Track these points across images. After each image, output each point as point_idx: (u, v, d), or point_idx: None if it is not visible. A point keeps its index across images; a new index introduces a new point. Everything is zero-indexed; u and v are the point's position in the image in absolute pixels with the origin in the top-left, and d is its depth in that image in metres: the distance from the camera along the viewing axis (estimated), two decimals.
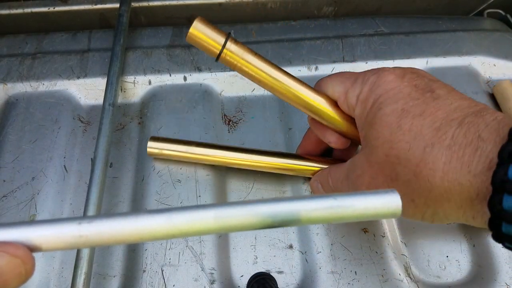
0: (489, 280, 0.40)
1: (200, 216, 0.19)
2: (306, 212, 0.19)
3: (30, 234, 0.18)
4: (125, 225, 0.19)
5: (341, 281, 0.39)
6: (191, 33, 0.28)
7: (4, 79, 0.52)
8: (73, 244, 0.19)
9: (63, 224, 0.19)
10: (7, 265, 0.17)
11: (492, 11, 0.64)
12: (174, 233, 0.19)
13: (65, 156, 0.47)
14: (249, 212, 0.19)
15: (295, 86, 0.34)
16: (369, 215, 0.20)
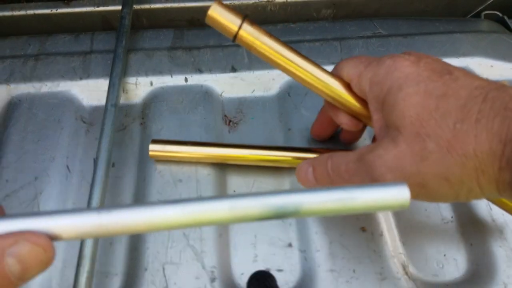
0: (487, 279, 0.40)
1: (215, 206, 0.20)
2: (317, 203, 0.20)
3: (51, 224, 0.19)
4: (142, 214, 0.19)
5: (339, 279, 0.40)
6: (209, 14, 0.31)
7: (7, 80, 0.52)
8: (93, 233, 0.19)
9: (83, 214, 0.19)
10: (29, 253, 0.17)
11: (489, 13, 0.65)
12: (189, 222, 0.20)
13: (68, 156, 0.47)
14: (262, 203, 0.20)
15: (308, 68, 0.35)
16: (378, 206, 0.20)
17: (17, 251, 0.17)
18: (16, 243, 0.17)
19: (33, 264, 0.18)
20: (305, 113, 0.51)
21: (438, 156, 0.26)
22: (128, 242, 0.42)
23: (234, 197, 0.20)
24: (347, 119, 0.38)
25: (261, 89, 0.54)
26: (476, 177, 0.26)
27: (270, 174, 0.46)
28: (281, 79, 0.54)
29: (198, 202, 0.20)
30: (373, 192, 0.20)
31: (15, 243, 0.17)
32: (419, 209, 0.44)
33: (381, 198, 0.20)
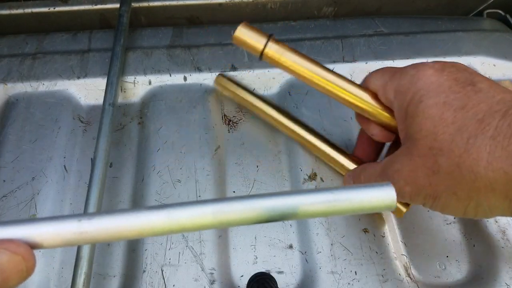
0: (489, 280, 0.40)
1: (198, 211, 0.19)
2: (303, 206, 0.20)
3: (31, 232, 0.18)
4: (124, 221, 0.19)
5: (341, 281, 0.39)
6: (236, 36, 0.33)
7: (5, 79, 0.52)
8: (74, 241, 0.19)
9: (64, 221, 0.19)
10: (8, 262, 0.17)
11: (491, 11, 0.64)
12: (173, 228, 0.19)
13: (65, 156, 0.47)
14: (247, 206, 0.19)
15: (335, 80, 0.36)
16: (364, 208, 0.20)
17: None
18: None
19: (13, 274, 0.17)
20: (306, 112, 0.51)
21: (448, 171, 0.26)
22: (126, 244, 0.41)
23: (219, 201, 0.19)
24: (377, 130, 0.37)
25: (262, 88, 0.53)
26: (485, 193, 0.26)
27: (270, 176, 0.46)
28: (282, 78, 0.53)
29: (182, 207, 0.19)
30: (360, 194, 0.20)
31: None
32: (421, 211, 0.44)
33: (368, 200, 0.20)
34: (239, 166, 0.46)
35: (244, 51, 0.55)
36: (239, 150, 0.48)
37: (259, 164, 0.47)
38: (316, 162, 0.47)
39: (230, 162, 0.47)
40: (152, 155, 0.47)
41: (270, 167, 0.46)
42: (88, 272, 0.36)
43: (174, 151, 0.47)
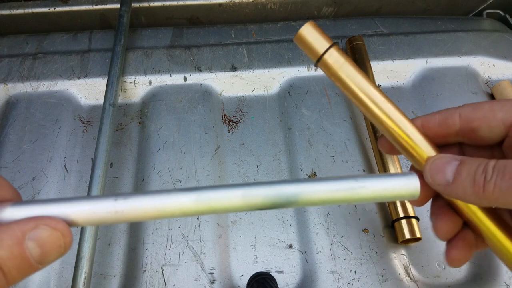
0: (489, 280, 0.40)
1: (228, 194, 0.20)
2: (330, 192, 0.20)
3: (69, 210, 0.19)
4: (158, 201, 0.20)
5: (340, 281, 0.39)
6: (300, 34, 0.28)
7: (5, 79, 0.52)
8: (109, 219, 0.19)
9: (101, 201, 0.19)
10: (49, 237, 0.18)
11: (491, 12, 0.64)
12: (203, 210, 0.20)
13: (66, 156, 0.47)
14: (278, 192, 0.20)
15: (394, 116, 0.29)
16: (389, 196, 0.21)
17: (38, 235, 0.18)
18: (36, 227, 0.18)
19: (52, 249, 0.18)
20: (306, 112, 0.51)
21: None
22: (126, 243, 0.41)
23: (248, 185, 0.20)
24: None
25: (261, 88, 0.53)
26: None
27: (270, 174, 0.46)
28: (281, 78, 0.54)
29: (211, 190, 0.20)
30: (385, 182, 0.20)
31: (35, 227, 0.18)
32: (420, 210, 0.44)
33: (393, 188, 0.20)
34: (239, 166, 0.46)
35: (244, 51, 0.55)
36: (239, 150, 0.48)
37: (259, 164, 0.47)
38: (316, 162, 0.47)
39: (230, 162, 0.47)
40: (152, 155, 0.47)
41: (270, 167, 0.46)
42: (88, 271, 0.36)
43: (174, 151, 0.47)
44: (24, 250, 0.17)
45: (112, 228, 0.42)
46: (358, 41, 0.53)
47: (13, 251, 0.17)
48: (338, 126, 0.50)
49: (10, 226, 0.17)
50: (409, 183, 0.21)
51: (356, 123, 0.50)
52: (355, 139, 0.49)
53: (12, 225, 0.17)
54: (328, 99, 0.52)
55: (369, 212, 0.44)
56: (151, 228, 0.42)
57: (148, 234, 0.42)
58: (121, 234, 0.42)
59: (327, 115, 0.51)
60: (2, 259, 0.16)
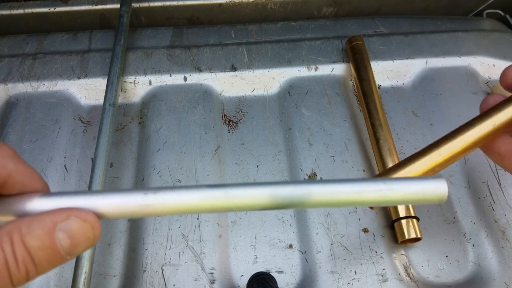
0: (489, 280, 0.40)
1: (256, 192, 0.20)
2: (360, 194, 0.20)
3: (99, 202, 0.19)
4: (187, 197, 0.20)
5: (340, 281, 0.39)
6: None
7: (5, 79, 0.52)
8: (138, 213, 0.20)
9: (130, 194, 0.20)
10: (79, 229, 0.18)
11: (491, 12, 0.64)
12: (231, 206, 0.20)
13: (66, 156, 0.47)
14: (307, 192, 0.20)
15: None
16: (417, 199, 0.21)
17: (68, 226, 0.18)
18: (67, 218, 0.18)
19: (82, 240, 0.18)
20: (306, 112, 0.51)
21: None
22: (126, 243, 0.41)
23: (275, 184, 0.21)
24: None
25: (261, 88, 0.53)
26: None
27: (270, 174, 0.46)
28: (281, 78, 0.54)
29: (239, 187, 0.20)
30: (413, 185, 0.21)
31: (66, 218, 0.18)
32: (421, 210, 0.44)
33: (420, 192, 0.20)
34: (239, 166, 0.46)
35: (244, 51, 0.55)
36: (239, 150, 0.48)
37: (259, 164, 0.47)
38: (316, 162, 0.47)
39: (230, 162, 0.47)
40: (152, 155, 0.47)
41: (270, 167, 0.46)
42: (88, 271, 0.36)
43: (174, 151, 0.47)
44: (55, 240, 0.17)
45: (112, 228, 0.42)
46: (358, 41, 0.53)
47: (44, 241, 0.17)
48: (338, 126, 0.50)
49: (41, 216, 0.18)
50: (438, 187, 0.20)
51: (356, 123, 0.50)
52: (355, 139, 0.49)
53: (43, 215, 0.18)
54: (328, 99, 0.52)
55: (369, 212, 0.44)
56: (151, 228, 0.42)
57: (148, 234, 0.42)
58: (121, 234, 0.42)
59: (327, 115, 0.51)
60: (33, 248, 0.17)
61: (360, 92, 0.50)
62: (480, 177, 0.46)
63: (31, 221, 0.17)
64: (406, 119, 0.51)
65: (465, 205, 0.44)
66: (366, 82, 0.50)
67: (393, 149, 0.45)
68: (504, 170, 0.30)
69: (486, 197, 0.45)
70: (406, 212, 0.41)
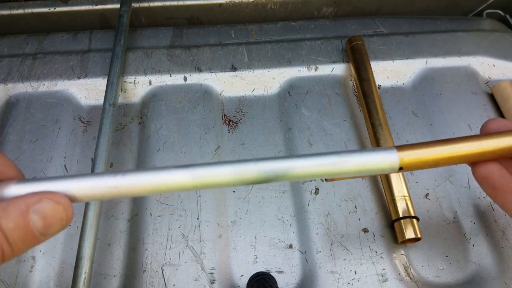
0: (489, 280, 0.40)
1: (220, 170, 0.21)
2: (314, 166, 0.21)
3: (70, 185, 0.20)
4: (155, 177, 0.21)
5: (340, 281, 0.39)
6: None
7: (5, 79, 0.52)
8: (108, 194, 0.20)
9: (100, 177, 0.21)
10: (51, 210, 0.19)
11: (491, 12, 0.64)
12: (196, 185, 0.21)
13: (66, 156, 0.47)
14: (265, 167, 0.21)
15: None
16: (369, 169, 0.22)
17: (41, 208, 0.19)
18: (40, 201, 0.19)
19: (54, 221, 0.19)
20: (306, 112, 0.51)
21: None
22: (126, 243, 0.41)
23: (239, 162, 0.21)
24: None
25: (261, 88, 0.53)
26: None
27: None
28: (281, 78, 0.54)
29: (204, 167, 0.21)
30: (365, 156, 0.22)
31: (39, 201, 0.19)
32: (421, 210, 0.44)
33: (373, 162, 0.22)
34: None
35: (244, 51, 0.55)
36: (239, 150, 0.48)
37: None
38: None
39: None
40: (152, 155, 0.47)
41: None
42: (89, 271, 0.36)
43: (174, 151, 0.47)
44: (29, 222, 0.18)
45: (112, 228, 0.42)
46: (358, 41, 0.53)
47: (18, 222, 0.18)
48: (338, 126, 0.50)
49: (16, 200, 0.19)
50: (389, 157, 0.22)
51: (356, 123, 0.50)
52: (355, 139, 0.49)
53: (18, 199, 0.19)
54: (328, 99, 0.52)
55: (369, 212, 0.44)
56: (151, 228, 0.42)
57: (148, 234, 0.42)
58: (121, 234, 0.42)
59: (327, 115, 0.51)
60: (8, 230, 0.18)
61: (360, 92, 0.50)
62: None
63: (6, 205, 0.18)
64: (406, 119, 0.51)
65: (465, 205, 0.44)
66: (366, 82, 0.50)
67: None
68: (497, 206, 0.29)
69: (486, 197, 0.45)
70: (406, 212, 0.41)
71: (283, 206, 0.44)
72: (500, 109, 0.52)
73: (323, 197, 0.44)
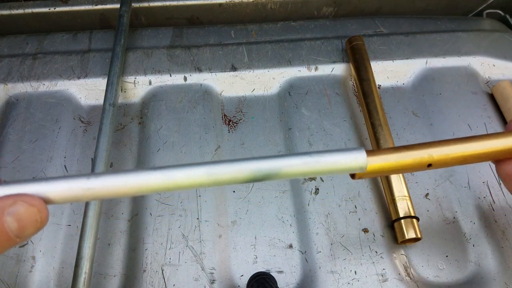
0: (489, 280, 0.40)
1: (194, 172, 0.21)
2: (286, 167, 0.22)
3: (45, 188, 0.20)
4: (128, 179, 0.21)
5: (340, 281, 0.39)
6: None
7: (5, 79, 0.52)
8: (82, 197, 0.21)
9: (74, 179, 0.21)
10: (26, 212, 0.19)
11: (491, 12, 0.64)
12: (170, 186, 0.21)
13: (66, 156, 0.47)
14: (238, 168, 0.22)
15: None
16: (339, 169, 0.22)
17: (15, 210, 0.19)
18: (14, 203, 0.19)
19: (29, 223, 0.19)
20: (306, 112, 0.51)
21: None
22: (126, 243, 0.41)
23: (213, 163, 0.22)
24: None
25: (261, 88, 0.53)
26: None
27: None
28: (281, 78, 0.54)
29: (179, 168, 0.21)
30: (335, 156, 0.22)
31: (13, 203, 0.19)
32: (421, 210, 0.44)
33: (342, 161, 0.22)
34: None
35: (244, 51, 0.55)
36: (239, 150, 0.48)
37: None
38: None
39: None
40: (152, 155, 0.47)
41: None
42: (89, 271, 0.36)
43: (174, 151, 0.47)
44: (3, 224, 0.18)
45: (112, 228, 0.42)
46: (358, 41, 0.53)
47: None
48: (338, 126, 0.50)
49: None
50: (357, 157, 0.22)
51: (356, 123, 0.50)
52: (355, 139, 0.49)
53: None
54: (328, 99, 0.52)
55: (369, 212, 0.44)
56: (151, 228, 0.42)
57: (148, 234, 0.42)
58: (121, 234, 0.42)
59: (327, 115, 0.51)
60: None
61: (360, 92, 0.50)
62: (480, 177, 0.46)
63: None
64: (406, 119, 0.51)
65: (465, 205, 0.44)
66: (366, 82, 0.50)
67: None
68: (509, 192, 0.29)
69: (486, 197, 0.45)
70: (406, 212, 0.41)
71: (283, 206, 0.44)
72: (500, 109, 0.52)
73: (323, 197, 0.44)
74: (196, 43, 0.57)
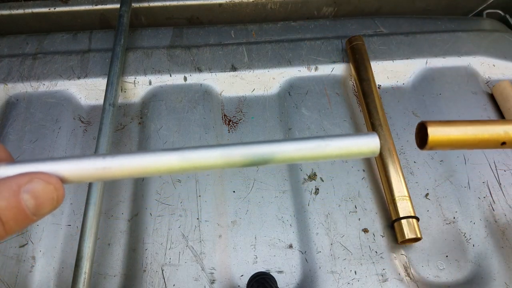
0: (489, 280, 0.40)
1: (208, 154, 0.21)
2: (300, 150, 0.22)
3: (61, 167, 0.20)
4: (143, 160, 0.21)
5: (340, 281, 0.39)
6: None
7: (5, 79, 0.52)
8: (98, 176, 0.21)
9: (89, 159, 0.21)
10: (43, 190, 0.19)
11: (491, 12, 0.64)
12: (186, 167, 0.21)
13: None
14: (254, 151, 0.22)
15: None
16: (352, 153, 0.22)
17: (32, 188, 0.19)
18: (31, 181, 0.19)
19: (46, 201, 0.19)
20: (306, 112, 0.51)
21: None
22: (126, 243, 0.41)
23: (227, 146, 0.22)
24: None
25: (261, 88, 0.53)
26: None
27: (270, 176, 0.46)
28: (282, 78, 0.54)
29: (194, 150, 0.21)
30: (347, 140, 0.22)
31: (30, 181, 0.19)
32: (421, 210, 0.44)
33: (355, 146, 0.22)
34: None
35: (244, 51, 0.55)
36: None
37: None
38: (316, 162, 0.47)
39: None
40: None
41: (270, 167, 0.46)
42: (88, 271, 0.36)
43: None
44: (20, 201, 0.18)
45: (112, 228, 0.42)
46: (358, 41, 0.53)
47: (10, 201, 0.18)
48: (338, 126, 0.50)
49: (8, 180, 0.19)
50: (370, 141, 0.22)
51: (356, 123, 0.50)
52: None
53: (9, 179, 0.19)
54: (328, 99, 0.52)
55: (369, 212, 0.44)
56: (151, 228, 0.42)
57: (148, 234, 0.42)
58: (121, 234, 0.42)
59: (327, 115, 0.51)
60: (0, 209, 0.18)
61: (360, 92, 0.50)
62: (480, 177, 0.46)
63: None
64: (406, 119, 0.51)
65: (465, 205, 0.44)
66: (366, 82, 0.50)
67: (393, 149, 0.45)
68: None
69: (486, 197, 0.45)
70: (406, 212, 0.41)
71: (283, 206, 0.44)
72: (500, 109, 0.52)
73: (323, 197, 0.44)
74: (196, 43, 0.57)
